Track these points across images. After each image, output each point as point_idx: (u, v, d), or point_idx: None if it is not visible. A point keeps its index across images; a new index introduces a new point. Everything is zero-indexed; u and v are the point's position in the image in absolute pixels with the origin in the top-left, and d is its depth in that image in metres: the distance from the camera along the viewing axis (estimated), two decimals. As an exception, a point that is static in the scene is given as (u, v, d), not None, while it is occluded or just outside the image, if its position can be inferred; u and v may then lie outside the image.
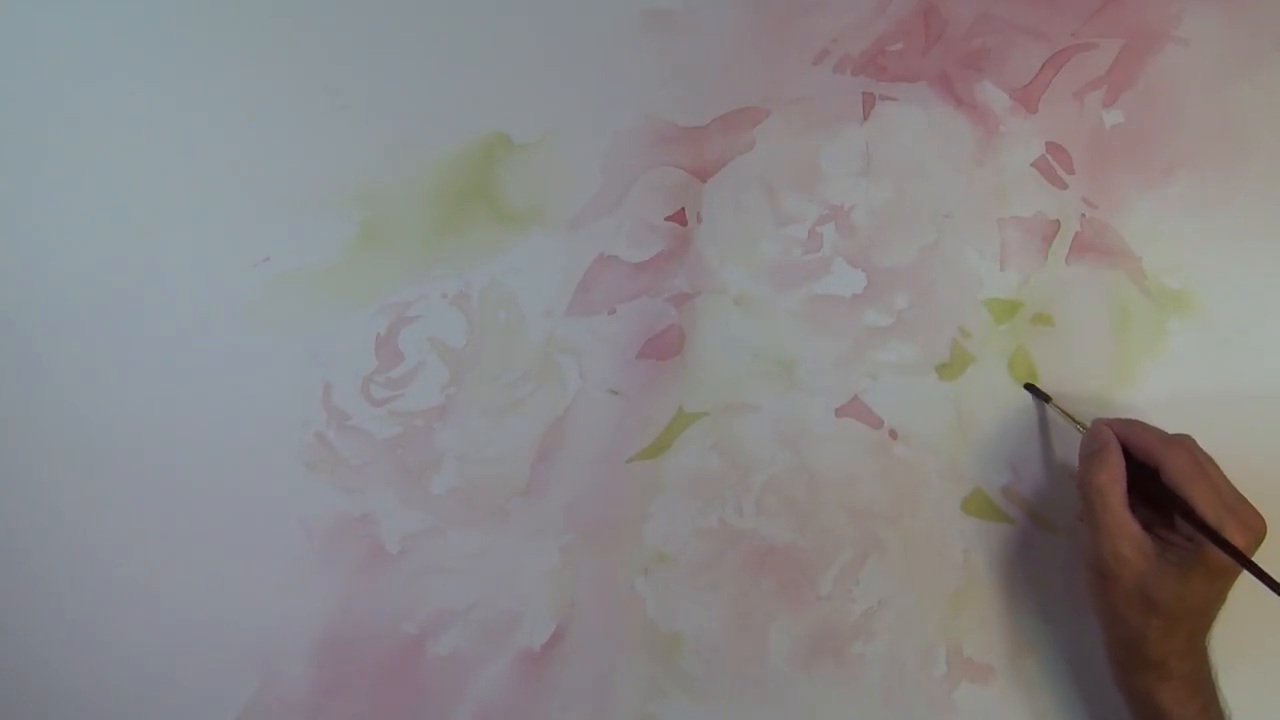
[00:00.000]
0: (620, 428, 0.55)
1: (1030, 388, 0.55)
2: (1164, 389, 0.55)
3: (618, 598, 0.55)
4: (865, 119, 0.57)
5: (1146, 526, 0.47)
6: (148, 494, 0.54)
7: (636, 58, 0.57)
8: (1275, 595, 0.43)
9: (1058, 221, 0.57)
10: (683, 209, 0.56)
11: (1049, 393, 0.55)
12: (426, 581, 0.54)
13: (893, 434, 0.56)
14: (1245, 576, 0.45)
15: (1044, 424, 0.56)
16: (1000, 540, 0.56)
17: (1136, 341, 0.56)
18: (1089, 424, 0.52)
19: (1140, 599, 0.46)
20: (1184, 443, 0.48)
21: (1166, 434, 0.49)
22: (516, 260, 0.56)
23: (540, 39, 0.57)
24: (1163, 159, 0.57)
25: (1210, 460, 0.48)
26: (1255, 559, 0.45)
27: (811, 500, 0.55)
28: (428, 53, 0.57)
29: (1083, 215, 0.57)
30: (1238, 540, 0.44)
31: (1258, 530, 0.46)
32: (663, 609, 0.55)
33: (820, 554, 0.55)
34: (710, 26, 0.57)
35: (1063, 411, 0.54)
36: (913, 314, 0.56)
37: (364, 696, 0.54)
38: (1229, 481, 0.47)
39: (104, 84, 0.56)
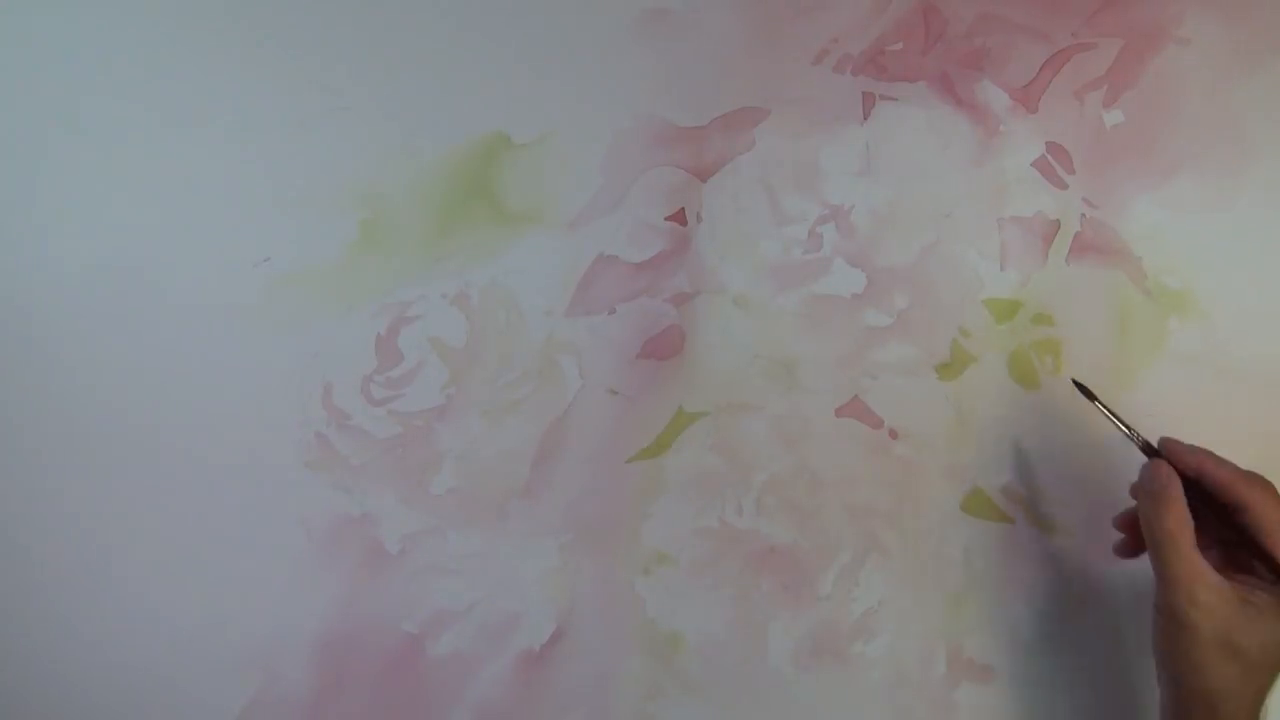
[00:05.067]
0: (620, 428, 0.55)
1: (1078, 385, 0.52)
2: (1164, 389, 0.55)
3: (618, 598, 0.55)
4: (865, 119, 0.57)
5: (1216, 566, 0.45)
6: (148, 494, 0.54)
7: (636, 58, 0.57)
8: None
9: (1058, 221, 0.57)
10: (683, 209, 0.56)
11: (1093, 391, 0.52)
12: (426, 581, 0.54)
13: (893, 434, 0.56)
14: None
15: (1045, 423, 0.56)
16: (1000, 540, 0.55)
17: (1136, 341, 0.56)
18: (1139, 431, 0.49)
19: (1223, 646, 0.44)
20: (1265, 483, 0.45)
21: (1245, 471, 0.46)
22: (516, 260, 0.56)
23: (540, 39, 0.57)
24: (1163, 159, 0.57)
25: None
26: None
27: (811, 500, 0.55)
28: (428, 53, 0.57)
29: (1083, 215, 0.57)
30: None
31: None
32: (663, 609, 0.55)
33: (820, 554, 0.55)
34: (710, 26, 0.57)
35: (1111, 414, 0.50)
36: (913, 314, 0.56)
37: (364, 696, 0.54)
38: None
39: (104, 85, 0.56)
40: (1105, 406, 0.51)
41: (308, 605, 0.54)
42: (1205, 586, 0.44)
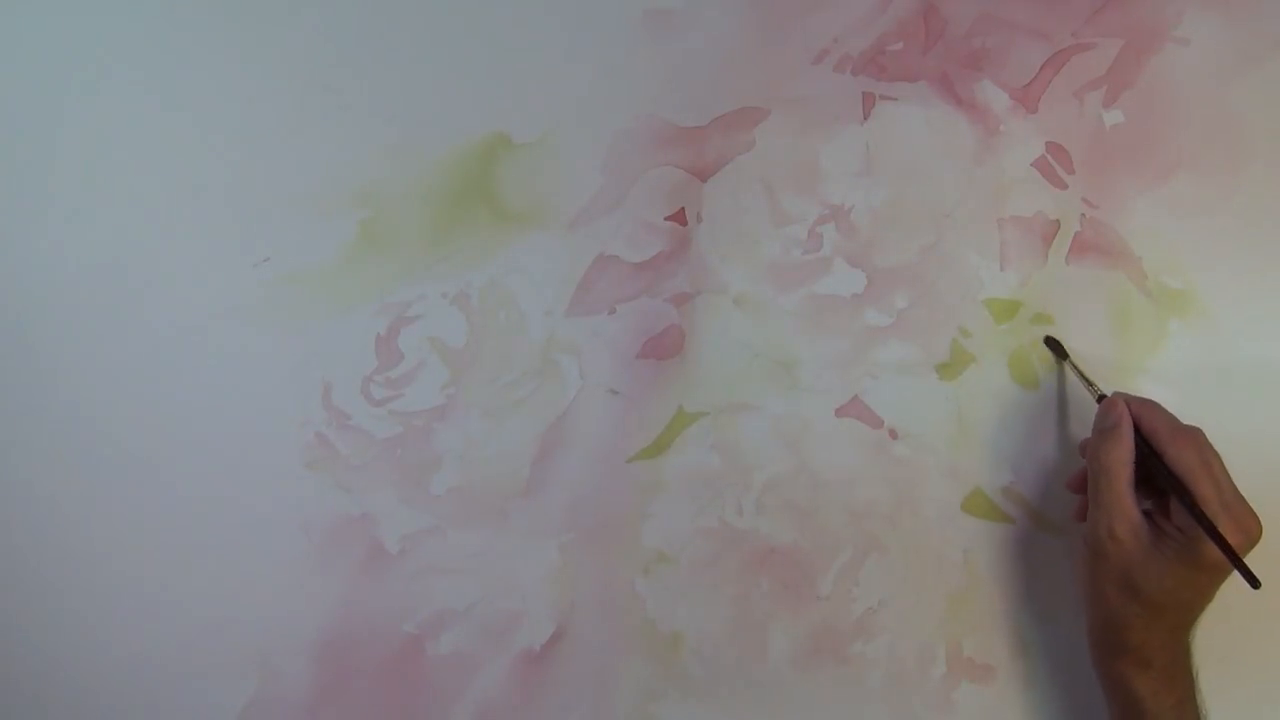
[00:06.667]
0: (620, 428, 0.55)
1: (1050, 341, 0.55)
2: (1164, 389, 0.55)
3: (618, 598, 0.55)
4: (865, 119, 0.57)
5: (1146, 511, 0.48)
6: (148, 494, 0.54)
7: (636, 58, 0.57)
8: (1253, 589, 0.43)
9: (1058, 221, 0.57)
10: (683, 209, 0.56)
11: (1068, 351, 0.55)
12: (426, 581, 0.54)
13: (893, 434, 0.56)
14: (1236, 578, 0.45)
15: (1045, 423, 0.56)
16: (1000, 540, 0.55)
17: (1136, 341, 0.56)
18: (1100, 387, 0.52)
19: (1125, 582, 0.47)
20: (1194, 434, 0.48)
21: (1179, 422, 0.49)
22: (516, 260, 0.56)
23: (540, 39, 0.57)
24: (1163, 159, 0.57)
25: (1216, 456, 0.48)
26: (1251, 559, 0.45)
27: (811, 500, 0.55)
28: (428, 53, 0.57)
29: (1083, 215, 0.57)
30: (1230, 540, 0.44)
31: (1251, 533, 0.46)
32: (663, 609, 0.55)
33: (820, 554, 0.55)
34: (710, 26, 0.57)
35: (1078, 371, 0.54)
36: (913, 314, 0.56)
37: (364, 696, 0.54)
38: (1230, 480, 0.47)
39: (104, 84, 0.56)
40: (1075, 366, 0.54)
41: (308, 605, 0.54)
42: (1125, 522, 0.47)
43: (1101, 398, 0.51)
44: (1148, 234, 0.56)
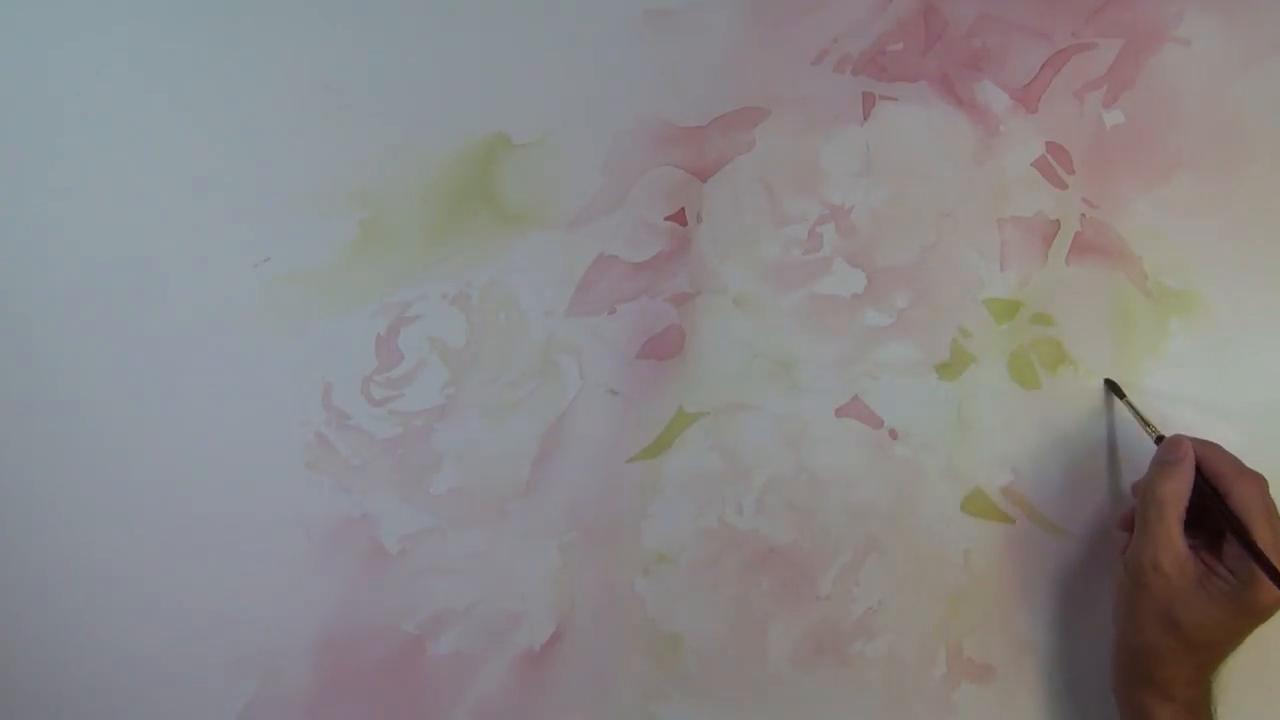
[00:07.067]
0: (620, 428, 0.55)
1: (1109, 384, 0.55)
2: (1164, 389, 0.55)
3: (618, 598, 0.55)
4: (865, 119, 0.57)
5: (1191, 547, 0.47)
6: (148, 494, 0.54)
7: (636, 58, 0.57)
8: None
9: (1058, 221, 0.57)
10: (683, 209, 0.56)
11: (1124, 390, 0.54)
12: (426, 581, 0.54)
13: (893, 434, 0.56)
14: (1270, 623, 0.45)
15: (1045, 423, 0.56)
16: (1000, 540, 0.55)
17: (1137, 341, 0.56)
18: (1158, 426, 0.52)
19: (1164, 615, 0.46)
20: (1258, 479, 0.47)
21: (1243, 465, 0.48)
22: (516, 260, 0.56)
23: (540, 39, 0.57)
24: (1163, 159, 0.57)
25: (1275, 505, 0.47)
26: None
27: (811, 500, 0.55)
28: (428, 53, 0.57)
29: (1083, 215, 0.57)
30: (1275, 588, 0.44)
31: None
32: (663, 609, 0.55)
33: (820, 554, 0.55)
34: (710, 26, 0.57)
35: (1135, 411, 0.53)
36: (913, 314, 0.56)
37: (364, 696, 0.54)
38: None
39: (104, 84, 0.56)
40: (1133, 406, 0.53)
41: (308, 605, 0.54)
42: (1171, 555, 0.47)
43: (1159, 438, 0.51)
44: (1148, 234, 0.56)
